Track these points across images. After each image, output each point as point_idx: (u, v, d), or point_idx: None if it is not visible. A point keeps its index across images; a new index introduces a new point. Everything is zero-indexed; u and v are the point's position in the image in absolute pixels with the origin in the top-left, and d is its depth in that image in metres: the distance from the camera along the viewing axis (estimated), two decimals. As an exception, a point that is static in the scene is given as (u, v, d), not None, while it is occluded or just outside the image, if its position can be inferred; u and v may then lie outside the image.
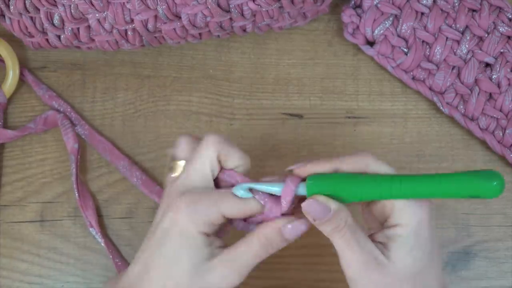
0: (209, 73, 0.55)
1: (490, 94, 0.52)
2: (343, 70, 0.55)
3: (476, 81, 0.52)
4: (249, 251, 0.37)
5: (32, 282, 0.51)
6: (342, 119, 0.54)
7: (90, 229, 0.51)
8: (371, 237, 0.37)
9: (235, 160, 0.39)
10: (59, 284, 0.51)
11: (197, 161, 0.38)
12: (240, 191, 0.37)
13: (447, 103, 0.52)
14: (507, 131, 0.51)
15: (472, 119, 0.52)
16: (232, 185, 0.38)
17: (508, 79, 0.51)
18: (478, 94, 0.52)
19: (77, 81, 0.55)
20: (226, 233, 0.40)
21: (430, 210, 0.36)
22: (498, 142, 0.52)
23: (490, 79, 0.51)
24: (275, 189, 0.37)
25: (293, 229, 0.37)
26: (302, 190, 0.37)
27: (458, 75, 0.52)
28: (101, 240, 0.51)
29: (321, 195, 0.36)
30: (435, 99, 0.52)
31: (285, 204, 0.37)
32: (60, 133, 0.54)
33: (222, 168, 0.39)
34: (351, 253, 0.36)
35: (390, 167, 0.37)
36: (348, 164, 0.37)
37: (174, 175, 0.39)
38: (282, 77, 0.55)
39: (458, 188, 0.34)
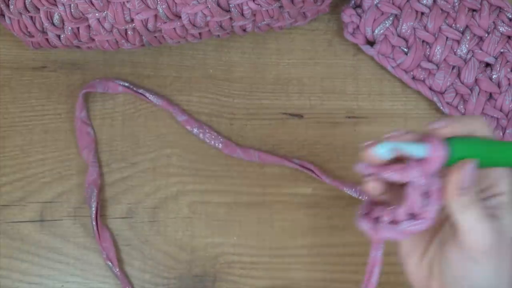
0: (209, 73, 0.55)
1: (490, 94, 0.52)
2: (343, 70, 0.55)
3: (476, 81, 0.52)
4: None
5: (32, 282, 0.51)
6: (342, 119, 0.54)
7: (107, 262, 0.51)
8: None
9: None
10: (59, 284, 0.51)
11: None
12: (382, 148, 0.33)
13: (447, 103, 0.52)
14: (507, 131, 0.51)
15: (472, 119, 0.52)
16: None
17: (508, 79, 0.51)
18: (478, 94, 0.52)
19: (77, 81, 0.55)
20: None
21: None
22: (498, 142, 0.52)
23: (490, 79, 0.51)
24: (419, 149, 0.33)
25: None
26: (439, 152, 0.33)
27: (458, 75, 0.52)
28: (117, 272, 0.50)
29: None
30: (435, 99, 0.52)
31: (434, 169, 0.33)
32: (60, 133, 0.54)
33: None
34: (486, 225, 0.34)
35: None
36: (466, 126, 0.35)
37: None
38: (282, 77, 0.55)
39: None
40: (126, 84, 0.54)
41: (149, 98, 0.54)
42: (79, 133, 0.53)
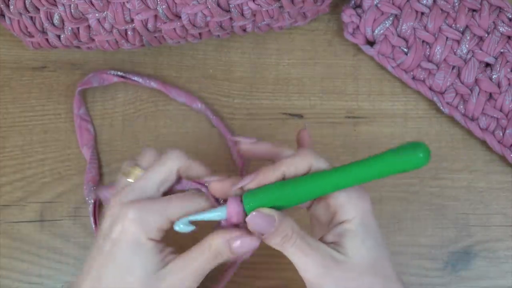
0: (209, 73, 0.55)
1: (490, 94, 0.52)
2: (343, 70, 0.55)
3: (476, 81, 0.52)
4: (201, 258, 0.37)
5: (32, 282, 0.51)
6: (342, 119, 0.54)
7: None
8: (321, 240, 0.37)
9: (197, 171, 0.39)
10: (59, 284, 0.51)
11: (154, 170, 0.38)
12: (179, 225, 0.37)
13: (447, 103, 0.52)
14: (507, 131, 0.51)
15: (472, 119, 0.52)
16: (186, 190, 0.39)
17: (508, 79, 0.51)
18: (478, 94, 0.52)
19: (77, 81, 0.55)
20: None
21: (369, 200, 0.37)
22: (498, 142, 0.52)
23: (490, 79, 0.51)
24: (217, 214, 0.37)
25: (241, 245, 0.36)
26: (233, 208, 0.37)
27: (458, 75, 0.52)
28: None
29: (262, 208, 0.36)
30: (435, 99, 0.52)
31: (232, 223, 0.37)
32: (60, 133, 0.54)
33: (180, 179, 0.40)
34: (306, 258, 0.35)
35: (327, 162, 0.37)
36: (291, 167, 0.37)
37: (128, 179, 0.39)
38: (282, 77, 0.55)
39: (388, 167, 0.34)
40: (120, 73, 0.54)
41: (145, 83, 0.54)
42: (79, 130, 0.53)
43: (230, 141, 0.52)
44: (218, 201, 0.38)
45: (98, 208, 0.52)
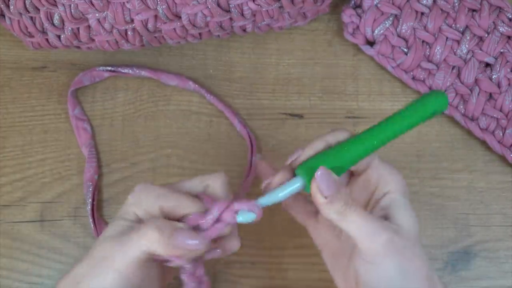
0: (209, 73, 0.55)
1: (490, 94, 0.52)
2: (343, 70, 0.55)
3: (476, 81, 0.52)
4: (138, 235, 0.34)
5: (32, 282, 0.51)
6: (342, 119, 0.54)
7: None
8: None
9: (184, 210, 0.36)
10: (59, 284, 0.51)
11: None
12: (241, 216, 0.36)
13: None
14: (507, 131, 0.51)
15: (472, 119, 0.52)
16: None
17: (508, 79, 0.51)
18: (478, 94, 0.52)
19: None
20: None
21: (403, 177, 0.38)
22: (498, 142, 0.52)
23: (490, 79, 0.51)
24: (296, 185, 0.36)
25: (182, 238, 0.34)
26: (297, 183, 0.36)
27: (458, 75, 0.52)
28: None
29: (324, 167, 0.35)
30: (435, 99, 0.52)
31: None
32: (60, 133, 0.54)
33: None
34: (370, 225, 0.34)
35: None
36: (334, 137, 0.37)
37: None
38: (282, 77, 0.55)
39: (419, 113, 0.38)
40: (109, 68, 0.54)
41: (135, 73, 0.54)
42: (76, 130, 0.53)
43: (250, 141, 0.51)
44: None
45: (97, 208, 0.52)
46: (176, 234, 0.33)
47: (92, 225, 0.51)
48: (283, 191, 0.36)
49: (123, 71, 0.54)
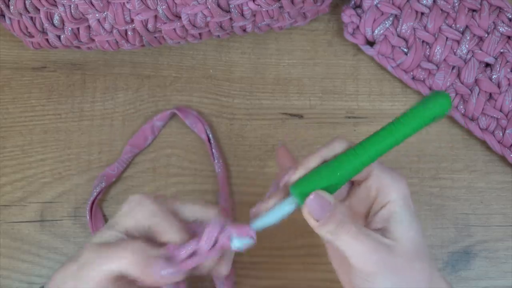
0: (209, 73, 0.55)
1: (490, 94, 0.52)
2: (343, 70, 0.55)
3: (476, 81, 0.52)
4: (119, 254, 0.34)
5: (32, 282, 0.51)
6: (342, 119, 0.54)
7: None
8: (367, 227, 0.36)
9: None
10: (59, 284, 0.51)
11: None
12: (237, 242, 0.35)
13: (447, 103, 0.52)
14: (507, 131, 0.51)
15: (472, 119, 0.52)
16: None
17: (508, 79, 0.51)
18: (478, 94, 0.52)
19: (77, 81, 0.55)
20: None
21: (407, 184, 0.36)
22: (498, 142, 0.52)
23: (490, 79, 0.51)
24: (288, 206, 0.35)
25: (162, 270, 0.33)
26: (291, 203, 0.35)
27: (458, 75, 0.52)
28: None
29: (318, 190, 0.34)
30: (435, 99, 0.52)
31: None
32: (60, 133, 0.54)
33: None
34: (362, 245, 0.34)
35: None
36: (330, 151, 0.36)
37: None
38: (282, 77, 0.55)
39: (421, 119, 0.35)
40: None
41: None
42: (141, 132, 0.53)
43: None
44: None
45: (97, 204, 0.52)
46: (151, 262, 0.33)
47: (88, 218, 0.51)
48: (277, 213, 0.35)
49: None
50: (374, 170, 0.36)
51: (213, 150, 0.52)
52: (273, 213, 0.35)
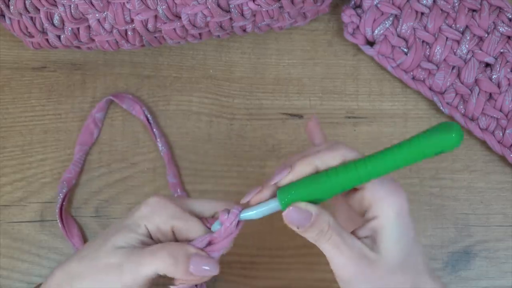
0: (209, 73, 0.55)
1: (490, 94, 0.52)
2: (343, 70, 0.55)
3: (476, 81, 0.52)
4: (158, 256, 0.35)
5: (32, 282, 0.51)
6: (342, 119, 0.54)
7: None
8: (354, 233, 0.36)
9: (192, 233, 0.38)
10: (59, 284, 0.51)
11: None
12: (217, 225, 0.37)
13: (447, 103, 0.52)
14: (507, 131, 0.51)
15: (472, 119, 0.52)
16: None
17: (508, 79, 0.51)
18: (478, 94, 0.52)
19: (77, 81, 0.55)
20: None
21: (406, 197, 0.36)
22: (498, 142, 0.52)
23: (490, 79, 0.51)
24: (272, 205, 0.36)
25: (199, 264, 0.35)
26: (275, 205, 0.36)
27: (458, 75, 0.52)
28: None
29: (298, 202, 0.35)
30: (435, 99, 0.52)
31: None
32: (60, 133, 0.54)
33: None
34: (340, 255, 0.35)
35: (360, 154, 0.36)
36: (324, 160, 0.36)
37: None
38: (282, 77, 0.55)
39: (421, 150, 0.33)
40: (149, 117, 0.53)
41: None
42: (84, 129, 0.53)
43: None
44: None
45: (65, 209, 0.52)
46: (189, 261, 0.35)
47: (60, 225, 0.51)
48: (262, 210, 0.37)
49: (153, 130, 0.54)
50: (370, 181, 0.36)
51: (153, 129, 0.53)
52: (258, 208, 0.37)
